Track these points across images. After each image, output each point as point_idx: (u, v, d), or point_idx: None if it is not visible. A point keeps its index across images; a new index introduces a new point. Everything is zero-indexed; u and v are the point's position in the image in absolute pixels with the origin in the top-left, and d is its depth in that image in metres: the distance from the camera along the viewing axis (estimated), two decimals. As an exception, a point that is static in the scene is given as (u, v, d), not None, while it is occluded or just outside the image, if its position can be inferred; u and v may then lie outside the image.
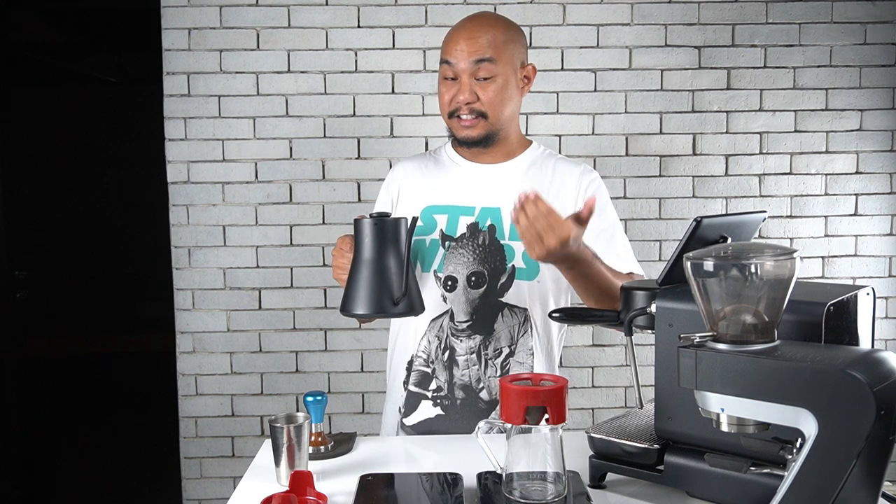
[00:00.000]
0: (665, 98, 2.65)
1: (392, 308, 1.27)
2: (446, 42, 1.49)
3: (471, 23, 1.49)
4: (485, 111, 1.48)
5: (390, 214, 1.31)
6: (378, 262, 1.28)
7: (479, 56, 1.45)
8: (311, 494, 1.12)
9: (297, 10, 2.58)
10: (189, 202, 2.61)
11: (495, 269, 1.50)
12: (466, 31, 1.47)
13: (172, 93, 2.59)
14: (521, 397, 1.04)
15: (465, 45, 1.45)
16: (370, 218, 1.28)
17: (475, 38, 1.45)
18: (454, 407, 1.50)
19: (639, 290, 1.14)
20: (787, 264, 0.86)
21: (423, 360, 1.53)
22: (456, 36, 1.48)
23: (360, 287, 1.28)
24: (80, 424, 4.79)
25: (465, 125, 1.49)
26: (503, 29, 1.49)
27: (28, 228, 5.59)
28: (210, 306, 2.63)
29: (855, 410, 0.77)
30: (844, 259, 2.72)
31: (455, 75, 1.47)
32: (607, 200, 1.56)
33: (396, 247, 1.29)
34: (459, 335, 1.51)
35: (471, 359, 1.50)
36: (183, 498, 2.68)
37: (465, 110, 1.48)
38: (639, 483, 1.14)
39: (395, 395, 1.58)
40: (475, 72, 1.45)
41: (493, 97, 1.47)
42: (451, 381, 1.51)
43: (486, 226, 1.51)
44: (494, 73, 1.46)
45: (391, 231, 1.29)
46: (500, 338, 1.50)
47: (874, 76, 2.67)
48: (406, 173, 1.62)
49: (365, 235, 1.28)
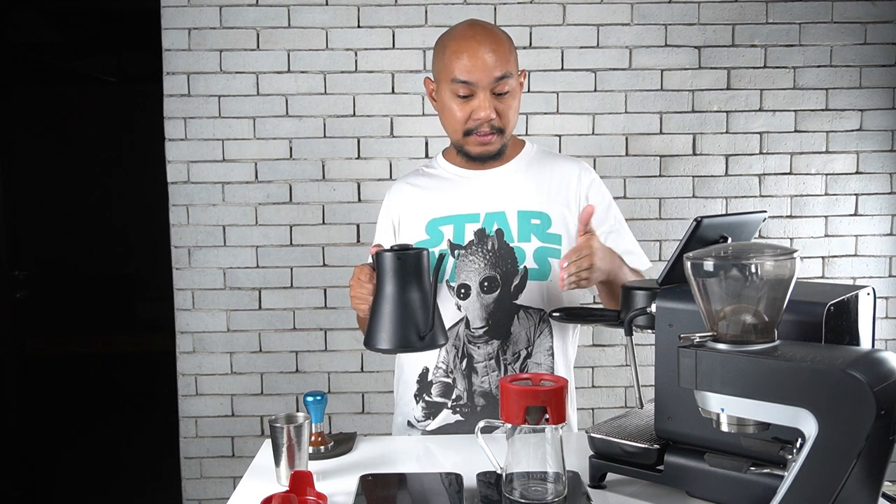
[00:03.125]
0: (665, 98, 2.65)
1: (418, 343, 1.25)
2: (453, 58, 1.43)
3: (479, 36, 1.44)
4: (502, 126, 1.46)
5: (411, 247, 1.28)
6: (402, 297, 1.24)
7: (499, 73, 1.42)
8: (311, 494, 1.12)
9: (297, 10, 2.58)
10: (189, 202, 2.61)
11: (507, 272, 1.48)
12: (482, 48, 1.42)
13: (172, 93, 2.59)
14: (521, 397, 1.04)
15: (483, 62, 1.41)
16: (393, 252, 1.25)
17: (490, 52, 1.41)
18: (474, 413, 1.49)
19: (639, 290, 1.14)
20: (787, 264, 0.86)
21: (443, 370, 1.51)
22: (467, 52, 1.42)
23: (384, 322, 1.25)
24: (80, 424, 4.79)
25: (482, 141, 1.47)
26: (506, 39, 1.47)
27: (28, 228, 5.60)
28: (210, 306, 2.63)
29: (855, 410, 0.77)
30: (844, 259, 2.72)
31: (471, 93, 1.43)
32: (609, 198, 1.57)
33: (420, 280, 1.26)
34: (476, 342, 1.49)
35: (489, 365, 1.49)
36: (183, 498, 2.68)
37: (485, 127, 1.45)
38: (639, 483, 1.14)
39: (406, 409, 1.56)
40: (493, 87, 1.43)
41: (509, 110, 1.46)
42: (470, 390, 1.49)
43: (493, 230, 1.50)
44: (511, 88, 1.45)
45: (415, 264, 1.26)
46: (518, 341, 1.49)
47: (874, 76, 2.67)
48: (404, 195, 1.59)
49: (388, 270, 1.25)
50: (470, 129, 1.46)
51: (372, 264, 1.31)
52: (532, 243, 1.49)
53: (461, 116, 1.46)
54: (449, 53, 1.45)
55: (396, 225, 1.59)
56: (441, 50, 1.48)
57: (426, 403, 1.53)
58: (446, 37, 1.49)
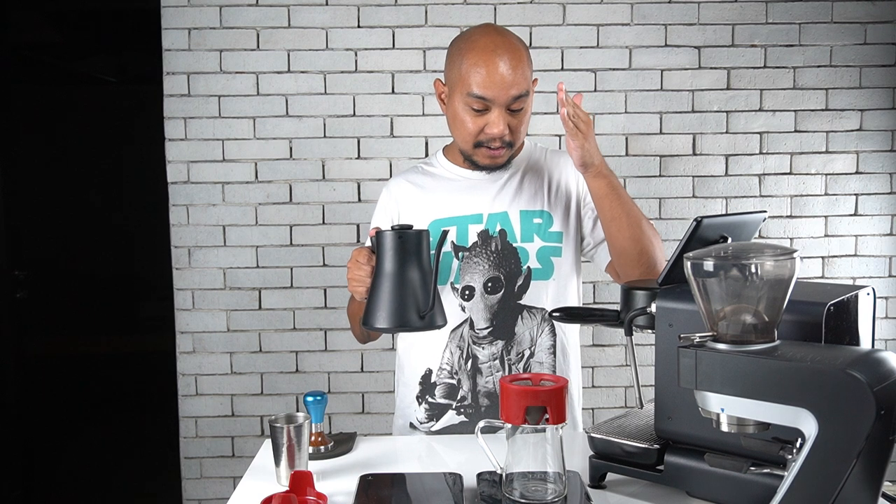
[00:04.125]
0: (665, 98, 2.65)
1: (418, 322, 1.24)
2: (472, 70, 1.39)
3: (501, 51, 1.39)
4: (513, 141, 1.46)
5: (412, 227, 1.28)
6: (403, 276, 1.24)
7: (517, 92, 1.40)
8: (311, 494, 1.12)
9: (297, 10, 2.58)
10: (189, 202, 2.61)
11: (511, 272, 1.48)
12: (502, 63, 1.38)
13: (172, 93, 2.59)
14: (521, 397, 1.04)
15: (503, 80, 1.38)
16: (394, 231, 1.25)
17: (511, 70, 1.38)
18: (478, 414, 1.49)
19: (639, 289, 1.14)
20: (787, 264, 0.86)
21: (448, 371, 1.51)
22: (488, 68, 1.38)
23: (384, 301, 1.24)
24: (80, 424, 4.79)
25: (492, 155, 1.46)
26: (525, 54, 1.44)
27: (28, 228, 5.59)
28: (210, 306, 2.63)
29: (855, 410, 0.77)
30: (844, 259, 2.71)
31: (486, 108, 1.41)
32: None
33: (419, 259, 1.26)
34: (481, 342, 1.49)
35: (494, 365, 1.49)
36: (183, 498, 2.68)
37: (497, 142, 1.44)
38: (639, 483, 1.14)
39: (408, 410, 1.56)
40: (509, 104, 1.41)
41: (521, 125, 1.46)
42: (474, 390, 1.49)
43: (496, 231, 1.49)
44: (526, 104, 1.44)
45: (415, 243, 1.26)
46: (522, 341, 1.49)
47: (874, 76, 2.67)
48: (402, 191, 1.57)
49: (388, 249, 1.25)
50: (480, 142, 1.45)
51: (371, 246, 1.30)
52: (535, 243, 1.49)
53: (473, 129, 1.44)
54: (467, 65, 1.40)
55: (395, 222, 1.57)
56: (458, 57, 1.43)
57: (429, 405, 1.53)
58: (465, 44, 1.43)
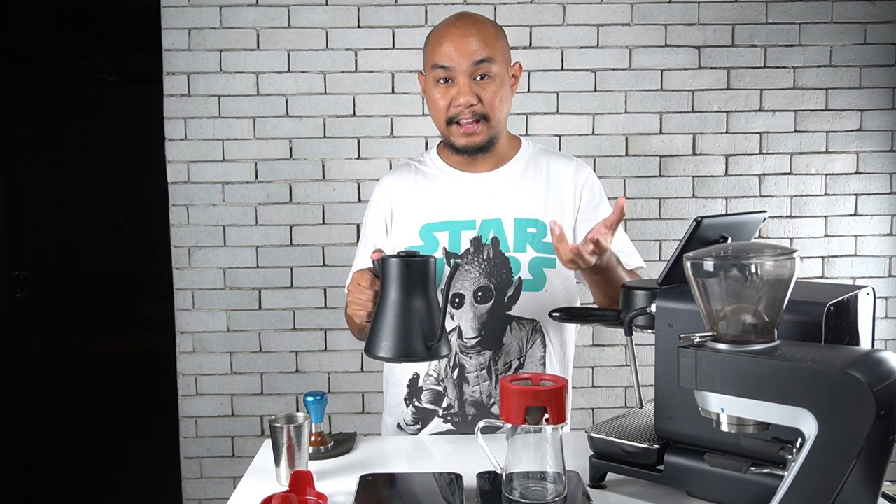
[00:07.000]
0: (665, 98, 2.65)
1: (423, 353, 1.21)
2: (435, 45, 1.42)
3: (460, 22, 1.43)
4: (486, 113, 1.42)
5: (417, 254, 1.24)
6: (408, 305, 1.20)
7: (479, 56, 1.39)
8: (311, 494, 1.12)
9: (297, 10, 2.58)
10: (189, 202, 2.61)
11: (502, 282, 1.46)
12: (459, 31, 1.41)
13: (172, 93, 2.59)
14: (521, 397, 1.04)
15: (462, 46, 1.39)
16: (400, 258, 1.21)
17: (470, 37, 1.39)
18: (465, 423, 1.48)
19: (639, 289, 1.13)
20: (787, 264, 0.86)
21: (434, 378, 1.50)
22: (447, 37, 1.41)
23: (388, 331, 1.20)
24: (80, 424, 4.79)
25: (466, 131, 1.43)
26: (492, 27, 1.44)
27: (28, 228, 5.59)
28: (210, 306, 2.63)
29: (855, 410, 0.77)
30: (844, 259, 2.72)
31: (450, 78, 1.41)
32: (602, 196, 1.54)
33: (425, 288, 1.22)
34: (468, 352, 1.47)
35: (481, 375, 1.47)
36: (183, 498, 2.68)
37: (466, 114, 1.41)
38: (639, 483, 1.14)
39: (396, 410, 1.55)
40: (474, 72, 1.40)
41: (493, 97, 1.42)
42: (461, 399, 1.48)
43: (489, 239, 1.47)
44: (493, 72, 1.41)
45: (421, 272, 1.22)
46: (510, 351, 1.47)
47: (874, 76, 2.67)
48: (396, 191, 1.54)
49: (394, 277, 1.21)
50: (452, 116, 1.43)
51: (373, 270, 1.28)
52: (528, 253, 1.46)
53: (443, 104, 1.43)
54: (432, 42, 1.44)
55: (388, 223, 1.55)
56: (427, 41, 1.47)
57: (416, 409, 1.51)
58: (433, 29, 1.48)
